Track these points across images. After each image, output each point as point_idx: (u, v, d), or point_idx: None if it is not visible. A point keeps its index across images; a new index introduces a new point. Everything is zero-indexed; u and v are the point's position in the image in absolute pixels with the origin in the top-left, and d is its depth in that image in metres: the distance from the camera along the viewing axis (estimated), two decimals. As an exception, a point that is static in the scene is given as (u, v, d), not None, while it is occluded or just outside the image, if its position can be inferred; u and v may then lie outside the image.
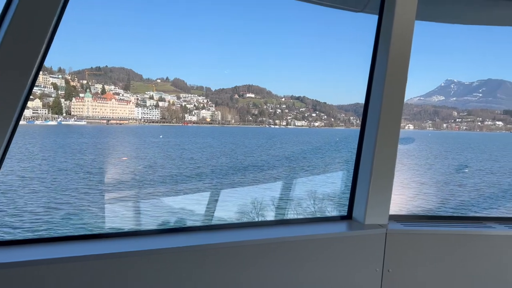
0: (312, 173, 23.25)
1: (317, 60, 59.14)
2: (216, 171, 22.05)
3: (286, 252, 2.52)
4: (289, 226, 2.78)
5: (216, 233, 2.55)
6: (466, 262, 2.80)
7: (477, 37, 62.12)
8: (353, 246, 2.67)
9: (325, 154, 29.78)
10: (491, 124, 36.69)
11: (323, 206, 13.23)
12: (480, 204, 16.70)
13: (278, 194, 14.80)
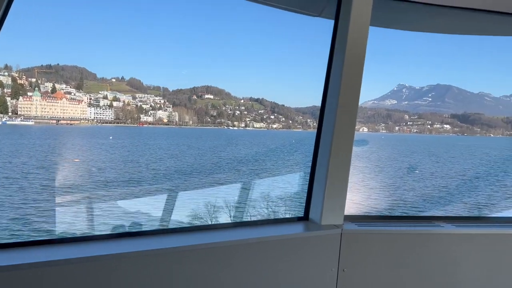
0: (261, 177, 22.53)
1: (276, 63, 59.76)
2: (158, 175, 20.92)
3: (244, 255, 2.51)
4: (246, 228, 2.77)
5: (170, 237, 2.50)
6: (417, 260, 2.90)
7: (428, 44, 65.14)
8: (309, 246, 2.71)
9: (278, 156, 29.57)
10: (439, 127, 38.56)
11: (268, 211, 12.80)
12: (428, 209, 17.23)
13: (219, 200, 13.78)
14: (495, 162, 33.08)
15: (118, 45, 51.31)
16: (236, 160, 27.31)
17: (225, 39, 55.66)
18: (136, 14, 51.06)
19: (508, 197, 19.58)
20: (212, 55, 55.66)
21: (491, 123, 38.22)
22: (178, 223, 9.38)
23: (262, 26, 56.58)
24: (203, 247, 2.40)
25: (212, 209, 11.57)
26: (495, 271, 3.00)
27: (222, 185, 19.09)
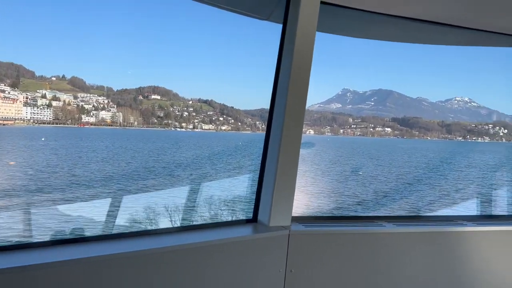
0: (197, 183, 20.91)
1: (226, 64, 59.62)
2: (76, 182, 18.34)
3: (190, 259, 2.47)
4: (193, 232, 2.73)
5: (114, 243, 2.40)
6: (362, 259, 3.01)
7: (371, 50, 68.05)
8: (258, 248, 2.72)
9: (221, 159, 28.63)
10: (381, 130, 40.30)
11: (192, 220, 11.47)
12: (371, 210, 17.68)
13: (132, 213, 11.69)
14: (432, 164, 35.13)
15: (60, 42, 48.78)
16: (175, 163, 25.64)
17: (174, 39, 54.67)
18: (80, 10, 48.86)
19: (442, 196, 20.79)
20: (160, 55, 54.41)
21: (428, 127, 40.52)
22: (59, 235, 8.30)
23: (212, 27, 56.23)
24: (147, 253, 2.33)
25: (114, 222, 9.34)
26: (432, 267, 3.17)
27: (146, 192, 17.21)
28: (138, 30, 51.52)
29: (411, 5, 3.16)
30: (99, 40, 50.54)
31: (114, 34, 50.51)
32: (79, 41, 48.74)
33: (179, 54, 54.45)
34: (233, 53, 60.81)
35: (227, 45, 59.36)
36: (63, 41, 47.44)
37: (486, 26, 3.57)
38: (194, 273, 2.48)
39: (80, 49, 48.38)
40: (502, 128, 39.66)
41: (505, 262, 3.33)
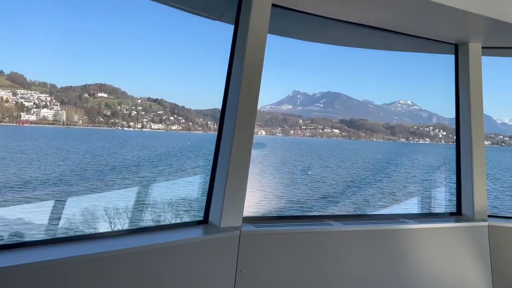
0: (129, 188, 18.34)
1: (178, 63, 58.60)
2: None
3: (139, 263, 2.40)
4: (142, 235, 2.66)
5: (54, 248, 2.29)
6: (310, 257, 3.07)
7: (320, 54, 69.82)
8: (208, 250, 2.70)
9: (162, 161, 26.63)
10: (329, 132, 41.46)
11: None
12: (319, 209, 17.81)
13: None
14: (378, 164, 36.61)
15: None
16: (109, 166, 22.99)
17: (123, 35, 53.02)
18: (23, 2, 46.05)
19: (386, 196, 21.69)
20: (107, 52, 52.54)
21: (373, 128, 42.16)
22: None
23: (162, 25, 55.13)
24: (91, 258, 2.24)
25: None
26: (377, 263, 3.30)
27: (64, 201, 15.00)
28: (85, 25, 49.46)
29: (358, 11, 3.28)
30: (42, 34, 47.96)
31: (59, 28, 48.15)
32: (20, 35, 46.04)
33: (128, 52, 52.99)
34: (185, 51, 59.92)
35: (179, 43, 58.39)
36: (1, 32, 44.54)
37: (427, 34, 3.78)
38: (141, 278, 2.42)
39: (20, 43, 45.67)
40: (441, 130, 42.11)
41: (443, 257, 3.54)
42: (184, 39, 58.08)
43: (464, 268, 3.60)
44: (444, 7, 3.05)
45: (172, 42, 56.76)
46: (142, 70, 55.10)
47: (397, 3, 3.08)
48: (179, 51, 58.52)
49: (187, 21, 54.41)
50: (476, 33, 3.65)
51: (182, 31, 57.53)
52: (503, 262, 3.66)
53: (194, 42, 60.30)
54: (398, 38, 3.83)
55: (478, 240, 3.68)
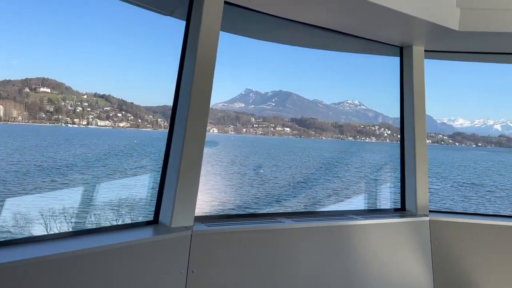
0: (50, 193, 15.29)
1: (126, 58, 56.72)
2: None
3: (86, 266, 2.30)
4: (90, 236, 2.55)
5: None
6: (263, 255, 3.09)
7: (273, 52, 70.55)
8: (159, 250, 2.64)
9: (100, 160, 24.08)
10: (281, 130, 42.03)
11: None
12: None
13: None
14: (328, 163, 37.57)
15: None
16: (37, 166, 20.48)
17: (68, 28, 50.56)
18: (-50, -13, 42.46)
19: (335, 193, 22.30)
20: (51, 44, 49.90)
21: (323, 127, 43.23)
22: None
23: (111, 18, 53.14)
24: (32, 262, 2.12)
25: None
26: (327, 258, 3.38)
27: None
28: (27, 15, 46.63)
29: (307, 12, 3.33)
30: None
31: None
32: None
33: (74, 45, 50.56)
34: (134, 46, 58.19)
35: (129, 37, 56.60)
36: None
37: (374, 36, 3.92)
38: (88, 282, 2.31)
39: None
40: (387, 129, 43.99)
41: (389, 251, 3.70)
42: (134, 33, 56.37)
43: (408, 260, 3.78)
44: (390, 11, 3.18)
45: (121, 36, 54.91)
46: (89, 64, 52.87)
47: (344, 5, 3.16)
48: (129, 45, 56.80)
49: (137, 14, 52.86)
50: (419, 36, 3.83)
51: (132, 24, 55.84)
52: (442, 254, 3.88)
53: (144, 37, 58.75)
54: (346, 40, 3.94)
55: (421, 234, 3.87)
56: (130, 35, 56.84)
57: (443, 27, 3.46)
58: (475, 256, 3.85)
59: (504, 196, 25.53)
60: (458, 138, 65.33)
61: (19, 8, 43.77)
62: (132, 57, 57.33)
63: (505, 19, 3.49)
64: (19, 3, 43.82)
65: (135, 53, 58.30)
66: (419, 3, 3.29)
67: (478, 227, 3.90)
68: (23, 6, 43.82)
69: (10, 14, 44.72)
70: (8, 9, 44.43)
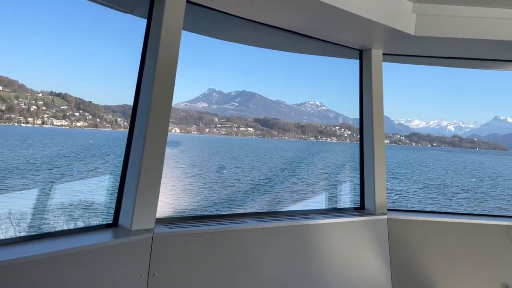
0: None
1: (85, 55, 54.83)
2: None
3: (41, 272, 2.20)
4: (46, 241, 2.45)
5: None
6: (226, 256, 3.08)
7: (236, 53, 70.57)
8: (119, 254, 2.57)
9: (47, 163, 21.99)
10: (244, 130, 42.14)
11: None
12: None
13: None
14: (290, 163, 37.96)
15: None
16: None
17: (23, 23, 48.32)
18: None
19: (297, 193, 22.55)
20: (2, 40, 47.50)
21: (285, 127, 43.69)
22: None
23: (68, 14, 51.23)
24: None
25: None
26: (290, 258, 3.42)
27: None
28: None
29: (268, 13, 3.36)
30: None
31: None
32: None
33: (28, 41, 48.38)
34: (93, 43, 56.42)
35: (88, 34, 54.82)
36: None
37: (334, 39, 4.01)
38: (50, 287, 2.22)
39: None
40: (347, 130, 45.05)
41: (349, 249, 3.79)
42: (92, 30, 54.68)
43: (367, 258, 3.88)
44: (349, 15, 3.25)
45: (79, 32, 53.09)
46: (44, 61, 50.75)
47: (305, 8, 3.21)
48: (87, 42, 55.00)
49: (96, 11, 51.30)
50: (378, 40, 3.95)
51: (90, 21, 54.14)
52: (399, 251, 4.02)
53: (104, 34, 57.12)
54: (307, 42, 4.00)
55: (379, 232, 3.99)
56: (88, 32, 55.08)
57: (400, 31, 3.59)
58: (430, 252, 4.02)
59: (470, 197, 25.99)
60: (414, 138, 68.04)
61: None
62: (90, 55, 55.54)
63: (457, 25, 3.66)
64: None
65: (94, 51, 56.57)
66: (378, 8, 3.40)
67: (433, 225, 4.06)
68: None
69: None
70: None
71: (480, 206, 23.40)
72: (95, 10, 61.42)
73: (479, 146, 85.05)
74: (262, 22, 3.56)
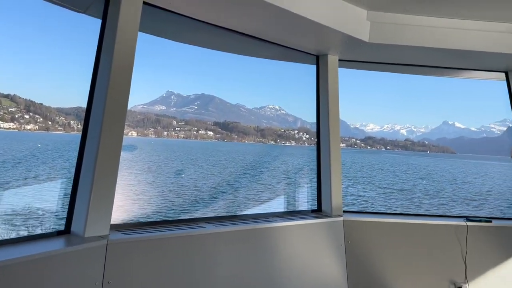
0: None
1: (36, 56, 52.45)
2: None
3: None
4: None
5: None
6: (184, 262, 3.03)
7: (196, 55, 70.01)
8: (72, 262, 2.47)
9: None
10: (204, 134, 41.85)
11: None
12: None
13: None
14: (251, 167, 37.96)
15: None
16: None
17: (-36, 19, 45.53)
18: None
19: (257, 197, 22.55)
20: None
21: (245, 131, 43.83)
22: None
23: (20, 16, 48.86)
24: None
25: None
26: (248, 262, 3.42)
27: None
28: None
29: (226, 16, 3.36)
30: None
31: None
32: None
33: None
34: (45, 43, 54.13)
35: (38, 33, 52.54)
36: None
37: (292, 44, 4.07)
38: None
39: None
40: (305, 133, 45.86)
41: (307, 250, 3.84)
42: (44, 29, 52.48)
43: (324, 259, 3.96)
44: (306, 21, 3.32)
45: (29, 31, 50.76)
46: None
47: (263, 13, 3.24)
48: (38, 42, 52.65)
49: (48, 10, 49.26)
50: (334, 46, 4.06)
51: (42, 20, 51.90)
52: (354, 251, 4.13)
53: (57, 34, 54.93)
54: (265, 46, 4.04)
55: (335, 234, 4.08)
56: (40, 31, 52.72)
57: (355, 38, 3.70)
58: (383, 252, 4.15)
59: (436, 203, 26.16)
60: (369, 141, 70.28)
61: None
62: (42, 55, 53.13)
63: (408, 34, 3.83)
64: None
65: (46, 50, 54.19)
66: (333, 15, 3.49)
67: (386, 226, 4.21)
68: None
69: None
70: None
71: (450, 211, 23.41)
72: (47, 8, 58.93)
73: (430, 150, 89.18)
74: (220, 26, 3.55)
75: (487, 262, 4.15)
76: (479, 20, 3.87)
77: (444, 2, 3.56)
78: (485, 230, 4.21)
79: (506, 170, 55.34)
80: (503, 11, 3.70)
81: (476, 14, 3.74)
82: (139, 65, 9.25)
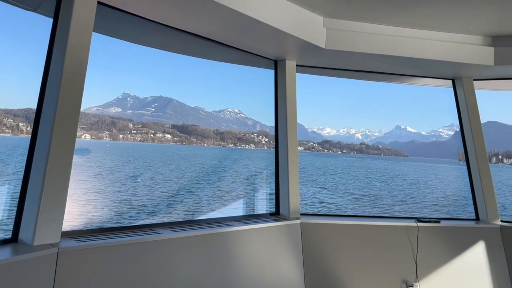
0: None
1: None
2: None
3: None
4: None
5: None
6: (141, 269, 2.95)
7: (153, 57, 68.75)
8: (19, 272, 2.34)
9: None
10: (161, 137, 41.11)
11: None
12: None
13: None
14: (210, 170, 37.55)
15: None
16: None
17: None
18: None
19: (214, 200, 22.35)
20: None
21: (205, 134, 43.55)
22: None
23: (-40, 7, 45.93)
24: None
25: None
26: (207, 267, 3.39)
27: None
28: None
29: (183, 18, 3.33)
30: None
31: None
32: None
33: None
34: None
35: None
36: None
37: (251, 49, 4.10)
38: None
39: None
40: (264, 137, 46.17)
41: (265, 253, 3.86)
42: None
43: (282, 261, 4.00)
44: (263, 25, 3.35)
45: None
46: None
47: (220, 16, 3.24)
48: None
49: None
50: (292, 52, 4.12)
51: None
52: (311, 253, 4.20)
53: (5, 33, 52.25)
54: (225, 50, 4.04)
55: (293, 236, 4.14)
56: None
57: (312, 44, 3.78)
58: (338, 254, 4.25)
59: (407, 209, 25.99)
60: (326, 145, 71.84)
61: None
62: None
63: (363, 41, 3.96)
64: None
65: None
66: (291, 21, 3.54)
67: (340, 227, 4.31)
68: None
69: None
70: None
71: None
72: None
73: (383, 153, 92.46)
74: (177, 28, 3.52)
75: (436, 261, 4.34)
76: (429, 29, 4.07)
77: (397, 12, 3.72)
78: (434, 230, 4.42)
79: (463, 173, 57.75)
80: (449, 23, 3.92)
81: (427, 23, 3.93)
82: (94, 66, 8.93)
